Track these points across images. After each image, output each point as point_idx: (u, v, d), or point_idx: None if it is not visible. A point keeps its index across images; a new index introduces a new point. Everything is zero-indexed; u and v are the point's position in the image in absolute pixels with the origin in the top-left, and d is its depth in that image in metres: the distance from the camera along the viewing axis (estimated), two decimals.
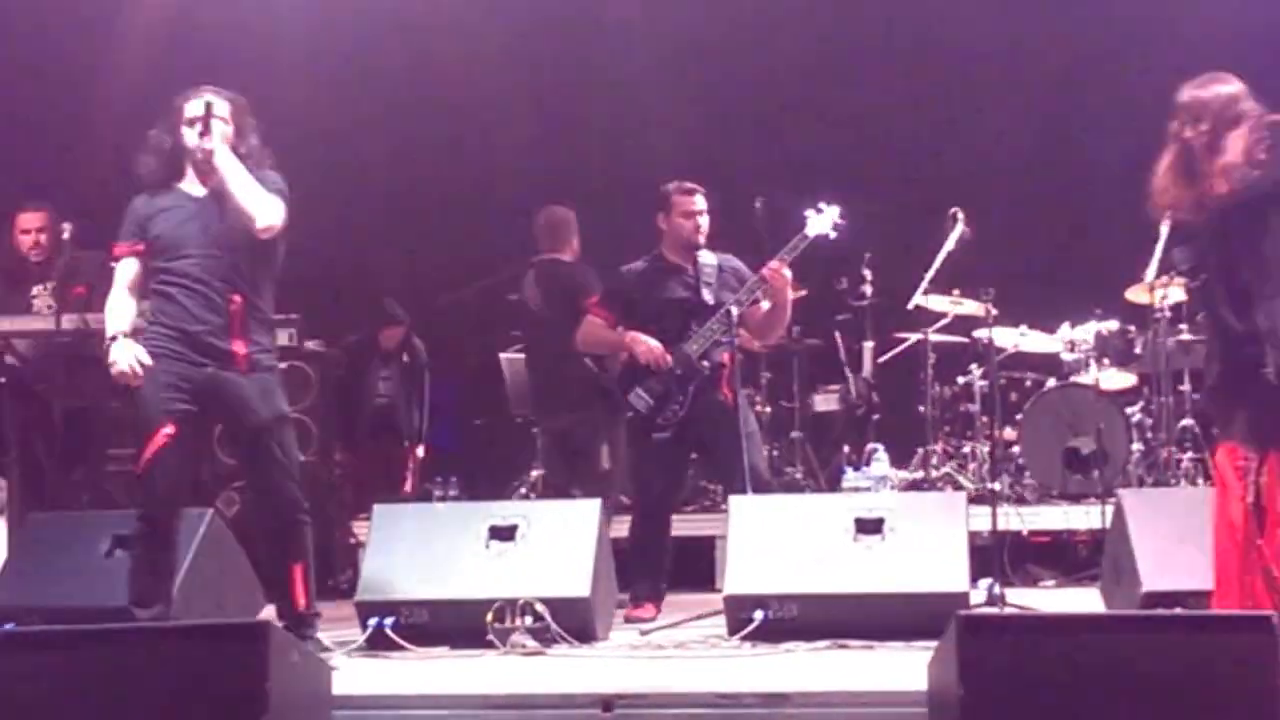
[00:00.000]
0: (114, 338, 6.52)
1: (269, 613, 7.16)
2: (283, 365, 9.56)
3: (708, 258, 8.21)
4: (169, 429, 6.44)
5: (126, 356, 6.44)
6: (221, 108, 6.61)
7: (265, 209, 6.51)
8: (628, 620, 7.74)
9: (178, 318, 6.52)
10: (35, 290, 8.73)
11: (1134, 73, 11.45)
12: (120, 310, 6.62)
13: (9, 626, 6.73)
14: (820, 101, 11.87)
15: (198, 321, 6.50)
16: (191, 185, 6.67)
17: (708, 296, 8.06)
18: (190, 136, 6.58)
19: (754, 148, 11.79)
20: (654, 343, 7.98)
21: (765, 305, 8.08)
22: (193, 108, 6.58)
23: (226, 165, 6.53)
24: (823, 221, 8.03)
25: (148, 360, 6.44)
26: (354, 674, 6.17)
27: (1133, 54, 11.45)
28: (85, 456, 8.82)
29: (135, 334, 6.61)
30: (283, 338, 9.98)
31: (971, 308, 10.08)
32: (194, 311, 6.51)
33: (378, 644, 6.93)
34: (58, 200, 9.12)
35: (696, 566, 9.28)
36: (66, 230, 8.87)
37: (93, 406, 8.77)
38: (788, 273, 7.96)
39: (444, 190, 12.23)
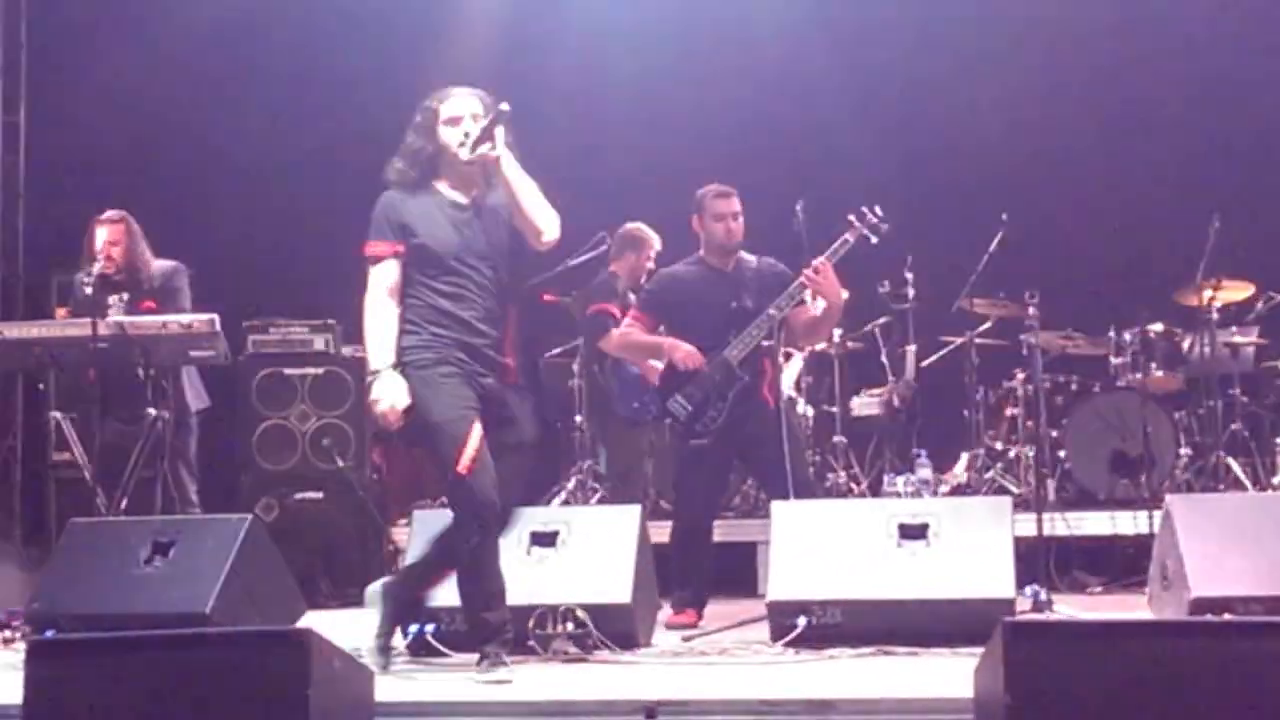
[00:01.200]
0: (376, 372, 6.25)
1: (309, 619, 7.16)
2: (320, 371, 9.67)
3: (748, 260, 8.16)
4: (480, 429, 6.16)
5: (391, 397, 6.17)
6: (476, 106, 6.33)
7: (551, 221, 6.27)
8: (669, 627, 7.70)
9: (458, 329, 6.25)
10: (111, 300, 8.73)
11: (1182, 73, 11.40)
12: (385, 325, 6.29)
13: (50, 633, 6.73)
14: (863, 104, 11.82)
15: (478, 334, 6.25)
16: (450, 191, 6.38)
17: (748, 301, 8.01)
18: (452, 137, 6.27)
19: (795, 151, 11.74)
20: (691, 348, 7.93)
21: (817, 308, 8.01)
22: (451, 107, 6.31)
23: (513, 173, 6.23)
24: (865, 225, 7.97)
25: (405, 402, 6.18)
26: (396, 681, 6.14)
27: (1180, 53, 11.39)
28: (135, 464, 8.81)
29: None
30: (319, 343, 10.02)
31: (1015, 311, 10.01)
32: (474, 324, 6.25)
33: (419, 650, 6.91)
34: (138, 214, 9.08)
35: (739, 573, 9.24)
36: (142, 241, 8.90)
37: (150, 414, 8.76)
38: (832, 275, 7.89)
39: None
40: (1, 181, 11.39)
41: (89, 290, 8.44)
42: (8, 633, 7.77)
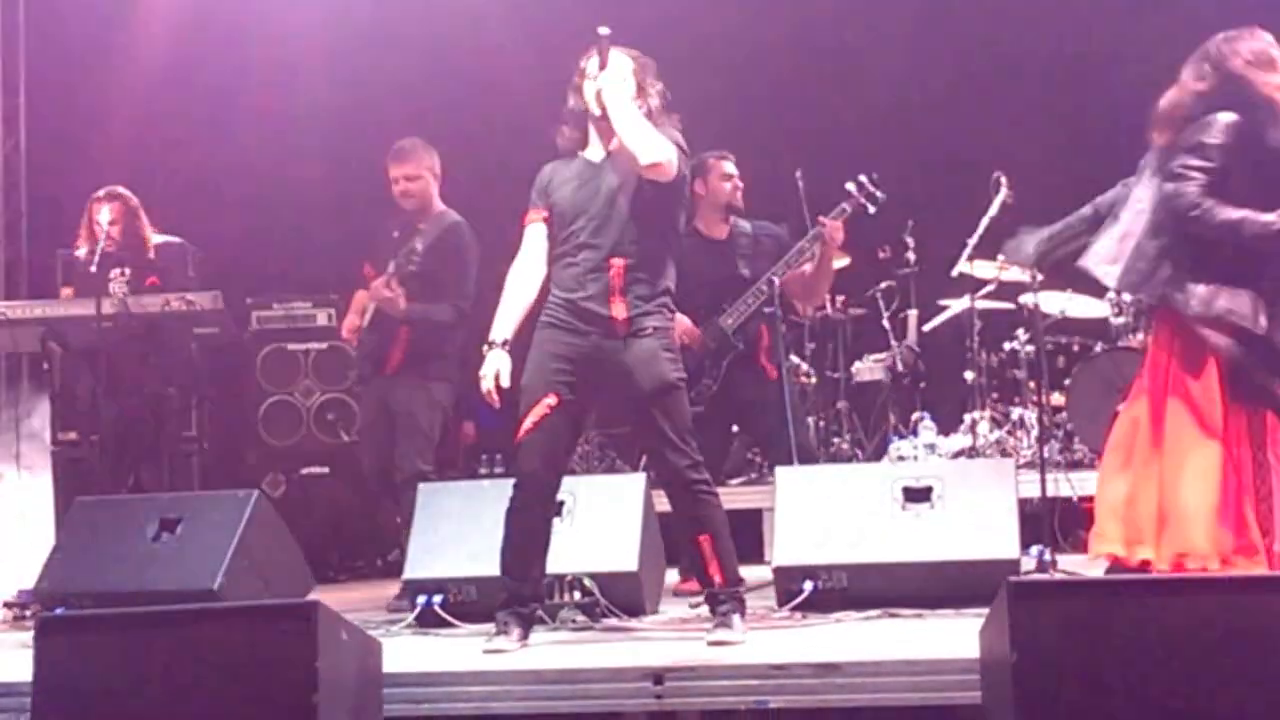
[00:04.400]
0: (490, 344, 6.35)
1: (317, 593, 7.19)
2: (323, 346, 9.70)
3: (743, 226, 8.17)
4: (551, 399, 6.21)
5: (491, 373, 6.28)
6: (622, 63, 6.30)
7: (652, 146, 6.13)
8: (677, 594, 7.73)
9: (566, 286, 6.28)
10: (113, 277, 8.74)
11: (1181, 34, 11.36)
12: (506, 295, 6.38)
13: (59, 610, 6.77)
14: (861, 69, 11.80)
15: (579, 289, 6.24)
16: (594, 151, 6.40)
17: (743, 269, 8.03)
18: (588, 89, 6.27)
19: (792, 118, 11.73)
20: (685, 320, 7.94)
21: (808, 268, 8.02)
22: (592, 61, 6.28)
23: (613, 100, 6.19)
24: (863, 194, 7.98)
25: (506, 382, 6.27)
26: (404, 651, 6.17)
27: (1177, 15, 11.36)
28: (140, 442, 8.84)
29: (536, 306, 6.42)
30: (322, 318, 10.05)
31: (1016, 273, 10.01)
32: (579, 280, 6.25)
33: (427, 621, 6.95)
34: (140, 192, 9.09)
35: (745, 539, 9.23)
36: (144, 219, 8.92)
37: (157, 391, 8.79)
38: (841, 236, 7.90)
39: (479, 164, 12.20)
40: (3, 162, 11.39)
41: (91, 269, 8.46)
42: (18, 611, 7.82)
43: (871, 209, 7.95)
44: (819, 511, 7.14)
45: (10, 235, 11.45)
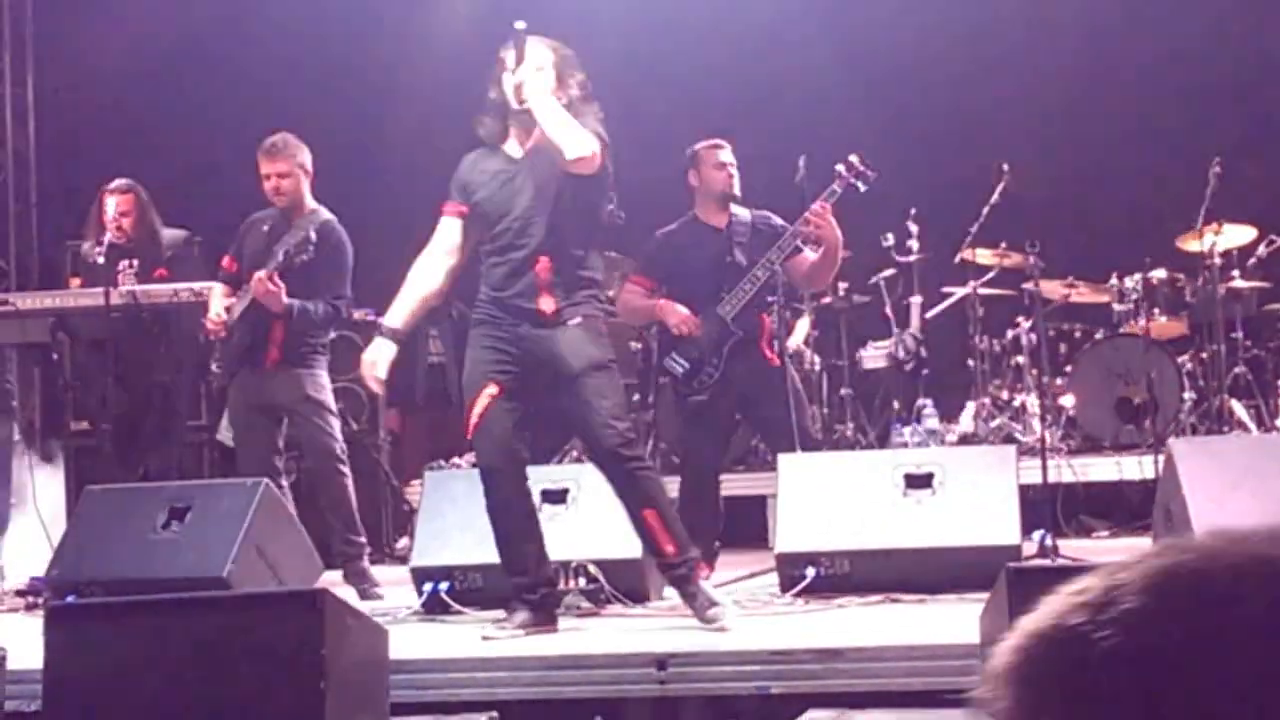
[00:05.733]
0: (379, 330, 6.60)
1: (326, 580, 7.25)
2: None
3: (741, 215, 8.20)
4: (491, 389, 6.34)
5: (369, 360, 6.55)
6: (540, 53, 6.33)
7: (575, 140, 6.18)
8: None
9: (495, 284, 6.40)
10: (122, 268, 8.78)
11: (1182, 16, 11.40)
12: (407, 284, 6.56)
13: (70, 598, 6.82)
14: (861, 55, 11.84)
15: (509, 287, 6.36)
16: (513, 146, 6.45)
17: (740, 256, 8.05)
18: (507, 82, 6.29)
19: (793, 106, 11.77)
20: (684, 310, 7.97)
21: (813, 255, 8.04)
22: (510, 54, 6.29)
23: (534, 96, 6.23)
24: (853, 173, 7.99)
25: (382, 373, 6.54)
26: (410, 638, 6.23)
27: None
28: (150, 431, 8.88)
29: (437, 298, 6.67)
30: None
31: (1018, 260, 10.06)
32: (506, 277, 6.37)
33: (433, 608, 7.00)
34: (148, 184, 9.13)
35: (748, 526, 9.32)
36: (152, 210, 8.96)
37: (166, 381, 8.84)
38: (830, 218, 7.93)
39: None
40: (12, 154, 11.44)
41: (100, 260, 8.51)
42: (30, 598, 7.88)
43: (862, 188, 7.95)
44: (821, 498, 7.19)
45: (20, 227, 11.51)
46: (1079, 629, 1.05)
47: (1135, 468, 9.52)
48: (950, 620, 5.93)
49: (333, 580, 7.65)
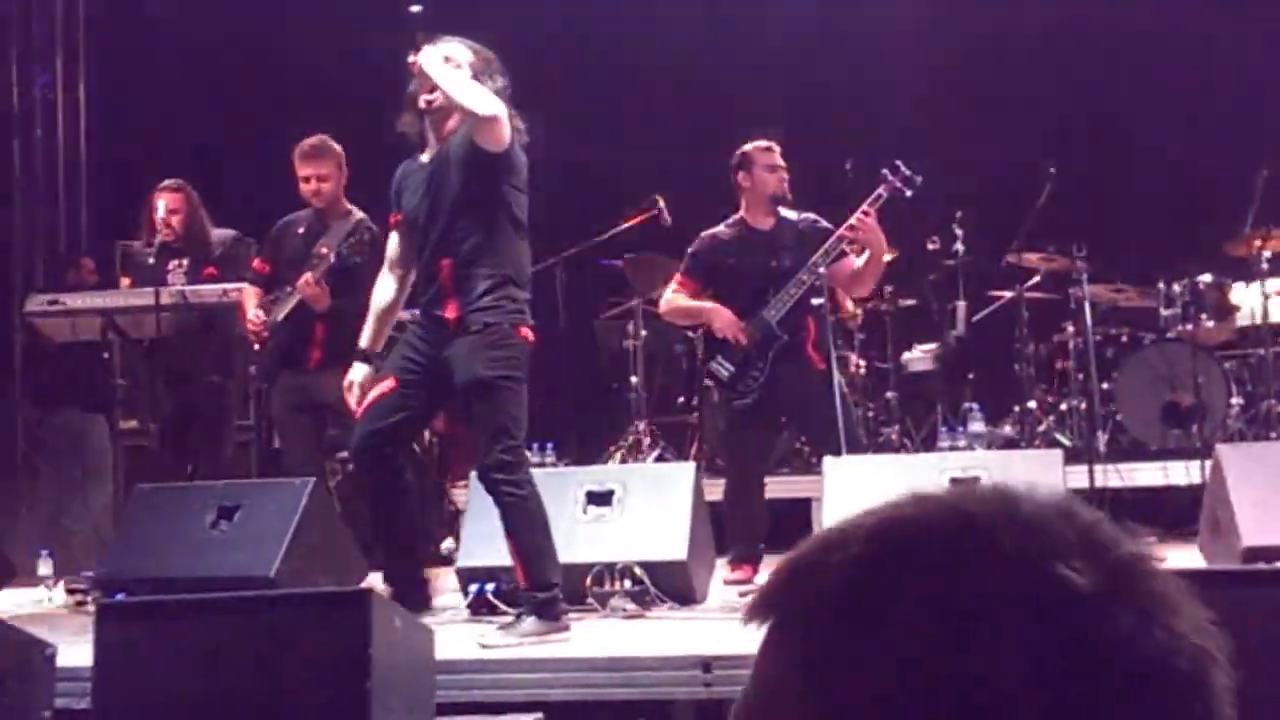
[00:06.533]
0: (358, 354, 6.69)
1: (372, 580, 7.28)
2: None
3: (789, 218, 8.20)
4: (388, 383, 6.46)
5: (347, 383, 6.65)
6: (458, 50, 6.36)
7: (477, 97, 6.17)
8: (726, 582, 7.79)
9: (419, 290, 6.53)
10: (172, 267, 8.83)
11: (1230, 20, 11.35)
12: (374, 302, 6.71)
13: (119, 596, 6.87)
14: (907, 59, 11.82)
15: (425, 293, 6.48)
16: (429, 150, 6.51)
17: (786, 260, 8.04)
18: (415, 87, 6.36)
19: (839, 110, 11.76)
20: (730, 314, 7.98)
21: (859, 261, 8.04)
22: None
23: (432, 66, 6.22)
24: (898, 178, 7.99)
25: (357, 394, 6.59)
26: (457, 638, 6.25)
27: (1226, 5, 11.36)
28: (199, 430, 8.93)
29: (396, 310, 6.77)
30: None
31: (1065, 264, 10.03)
32: (423, 284, 6.50)
33: (479, 609, 7.02)
34: (197, 184, 9.19)
35: (794, 528, 9.31)
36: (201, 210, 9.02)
37: (215, 380, 8.89)
38: (874, 224, 7.93)
39: (539, 154, 12.27)
40: (64, 154, 11.52)
41: (150, 259, 8.57)
42: (80, 596, 7.94)
43: (908, 192, 7.95)
44: (867, 501, 7.08)
45: (71, 226, 11.59)
46: (811, 562, 1.17)
47: (1182, 473, 9.46)
48: None
49: (377, 581, 7.68)
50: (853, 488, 7.25)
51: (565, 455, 10.66)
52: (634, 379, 10.61)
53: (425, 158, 6.49)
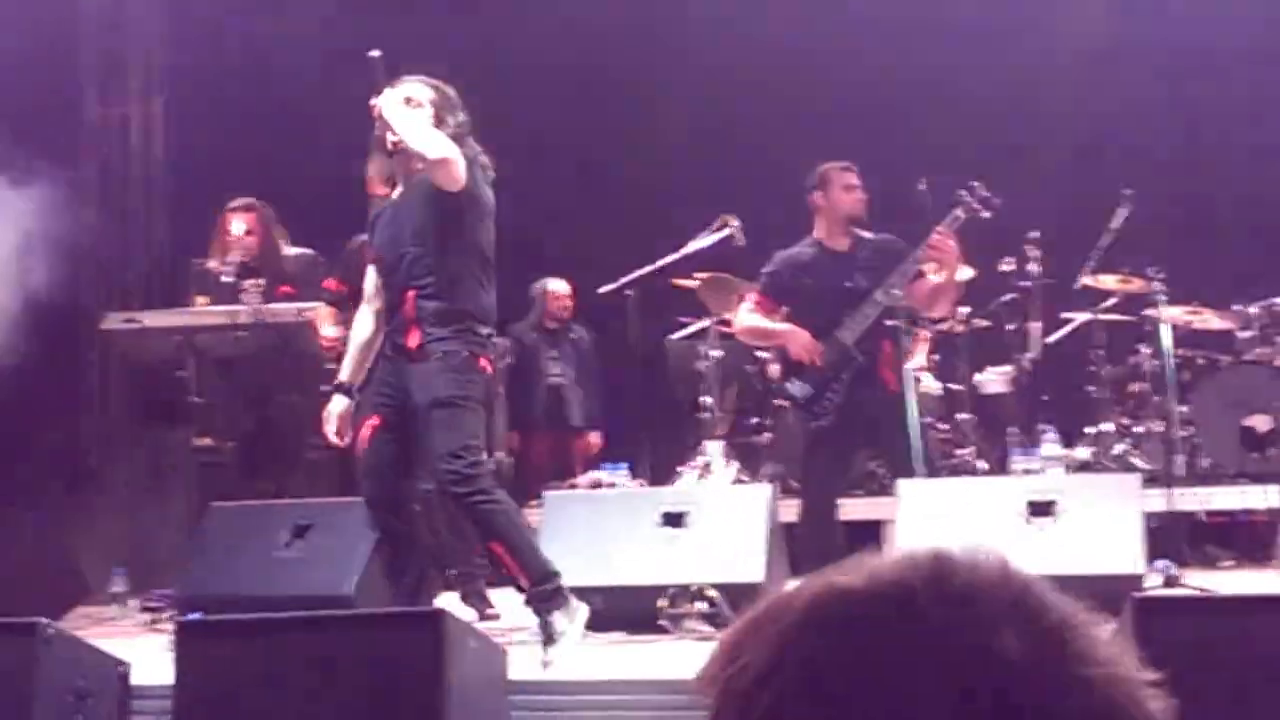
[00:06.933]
0: (337, 386, 6.80)
1: (444, 600, 7.29)
2: None
3: (865, 238, 8.18)
4: (374, 420, 6.57)
5: (326, 416, 6.74)
6: (419, 90, 6.50)
7: (431, 142, 6.33)
8: None
9: (386, 320, 6.68)
10: (247, 286, 8.89)
11: None
12: (354, 336, 6.85)
13: (195, 614, 6.90)
14: (978, 77, 11.78)
15: (390, 324, 6.63)
16: (397, 190, 6.71)
17: (862, 280, 8.02)
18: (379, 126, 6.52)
19: (916, 128, 11.72)
20: (807, 337, 7.96)
21: (937, 278, 8.00)
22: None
23: (391, 111, 6.37)
24: (975, 198, 7.95)
25: (333, 425, 6.72)
26: (530, 659, 6.24)
27: None
28: (275, 449, 8.98)
29: (371, 345, 6.80)
30: None
31: (1140, 286, 9.96)
32: (390, 313, 6.64)
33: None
34: (272, 202, 9.24)
35: (868, 550, 9.24)
36: (278, 229, 9.06)
37: (291, 399, 8.94)
38: (953, 245, 7.90)
39: (611, 175, 12.29)
40: (143, 171, 11.60)
41: (226, 278, 8.62)
42: (154, 614, 7.98)
43: (986, 214, 7.93)
44: (941, 524, 7.15)
45: (147, 244, 11.67)
46: (750, 632, 1.24)
47: (1260, 497, 9.37)
48: None
49: (449, 601, 7.68)
50: (927, 511, 7.23)
51: (638, 475, 10.65)
52: (706, 399, 10.58)
53: (395, 195, 6.68)
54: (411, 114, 6.42)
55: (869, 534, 9.32)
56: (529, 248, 12.21)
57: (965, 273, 9.25)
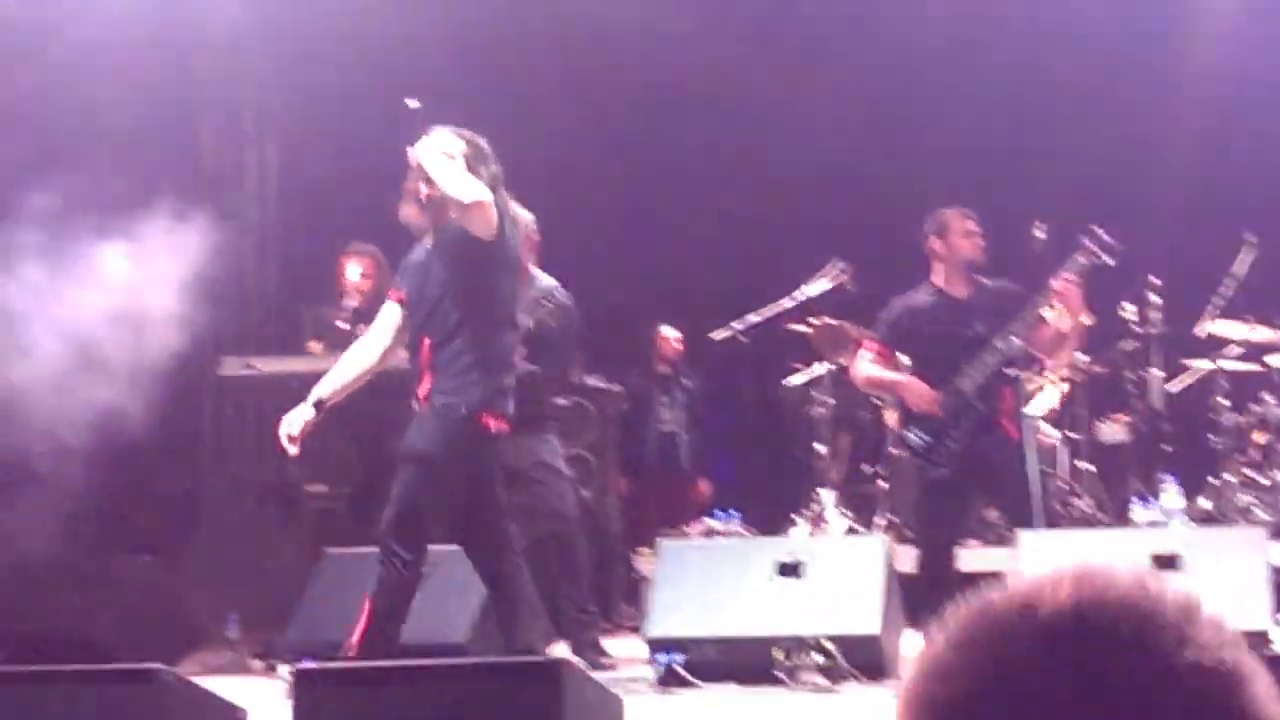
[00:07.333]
0: (311, 397, 6.86)
1: (559, 648, 7.25)
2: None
3: (984, 284, 8.08)
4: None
5: (285, 420, 6.81)
6: (451, 142, 6.57)
7: (465, 186, 6.43)
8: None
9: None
10: (360, 330, 8.92)
11: None
12: (345, 360, 6.98)
13: (308, 661, 6.89)
14: (1100, 120, 11.67)
15: (410, 367, 6.75)
16: (428, 236, 6.76)
17: (980, 328, 7.92)
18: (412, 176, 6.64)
19: (1030, 174, 11.61)
20: (924, 388, 7.86)
21: (1062, 324, 7.89)
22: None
23: (426, 159, 6.50)
24: (1098, 243, 7.85)
25: (294, 429, 6.80)
26: (646, 709, 6.19)
27: None
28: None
29: (366, 378, 6.94)
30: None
31: (1266, 334, 9.79)
32: (411, 360, 6.75)
33: (668, 680, 6.95)
34: (384, 248, 9.28)
35: None
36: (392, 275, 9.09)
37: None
38: (1076, 291, 7.80)
39: (717, 219, 12.25)
40: (258, 216, 11.68)
41: (343, 324, 8.64)
42: (269, 661, 7.99)
43: (1109, 260, 7.82)
44: None
45: (261, 290, 11.74)
46: (948, 658, 1.25)
47: None
48: None
49: (563, 650, 7.64)
50: (1048, 563, 7.09)
51: (750, 522, 10.57)
52: (820, 446, 10.50)
53: (427, 243, 6.72)
54: (446, 161, 6.50)
55: (986, 585, 9.20)
56: (640, 294, 12.24)
57: (1085, 319, 9.12)
